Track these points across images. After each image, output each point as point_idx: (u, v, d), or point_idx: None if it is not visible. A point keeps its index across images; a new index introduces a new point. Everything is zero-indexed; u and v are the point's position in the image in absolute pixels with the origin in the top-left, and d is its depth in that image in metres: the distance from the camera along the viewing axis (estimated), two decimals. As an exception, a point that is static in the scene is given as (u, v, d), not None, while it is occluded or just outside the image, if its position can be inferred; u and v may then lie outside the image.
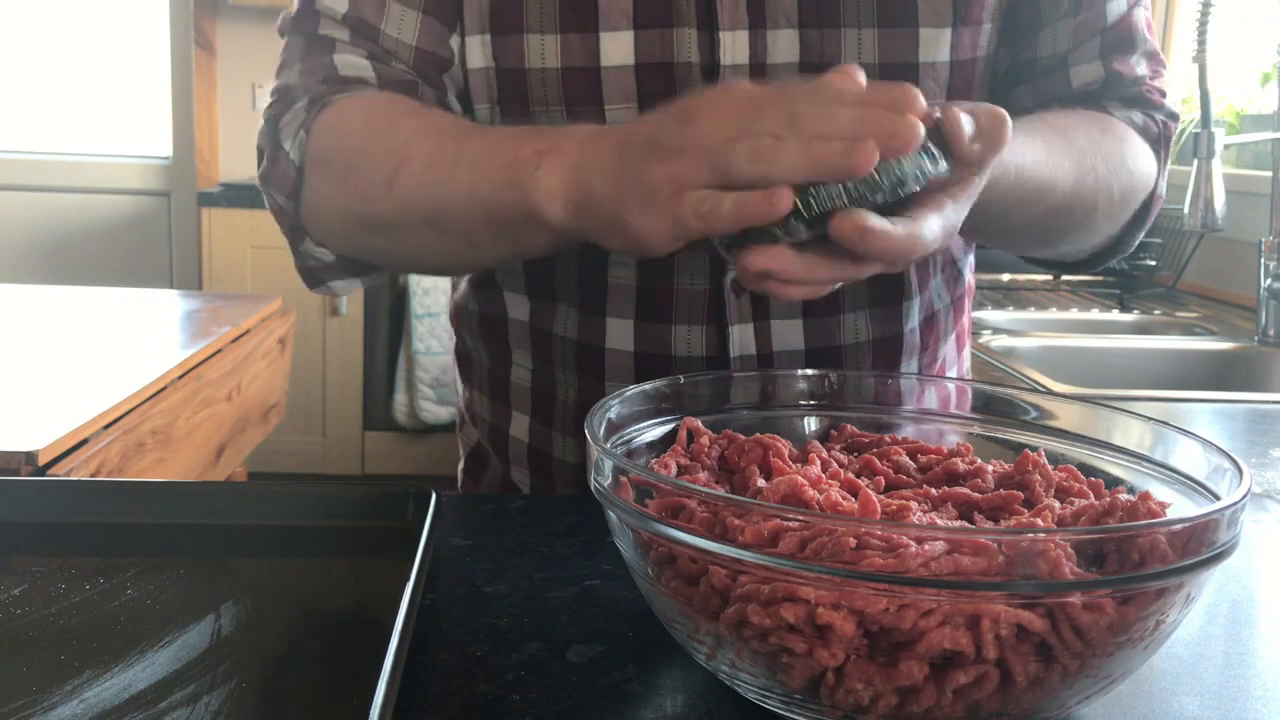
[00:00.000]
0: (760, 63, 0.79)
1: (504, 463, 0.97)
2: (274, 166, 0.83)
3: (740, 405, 0.70)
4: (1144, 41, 0.89)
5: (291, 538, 0.70)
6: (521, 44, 0.80)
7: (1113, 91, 0.89)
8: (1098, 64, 0.88)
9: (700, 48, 0.79)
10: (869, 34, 0.79)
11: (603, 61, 0.79)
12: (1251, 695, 0.56)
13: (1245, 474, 0.53)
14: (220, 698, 0.51)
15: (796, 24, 0.79)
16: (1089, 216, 0.85)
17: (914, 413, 0.71)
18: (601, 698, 0.53)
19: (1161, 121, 0.90)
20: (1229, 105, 2.54)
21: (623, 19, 0.79)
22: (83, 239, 4.13)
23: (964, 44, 0.82)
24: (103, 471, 1.38)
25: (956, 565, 0.46)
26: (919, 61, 0.80)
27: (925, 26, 0.80)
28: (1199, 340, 1.96)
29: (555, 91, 0.80)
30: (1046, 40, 0.87)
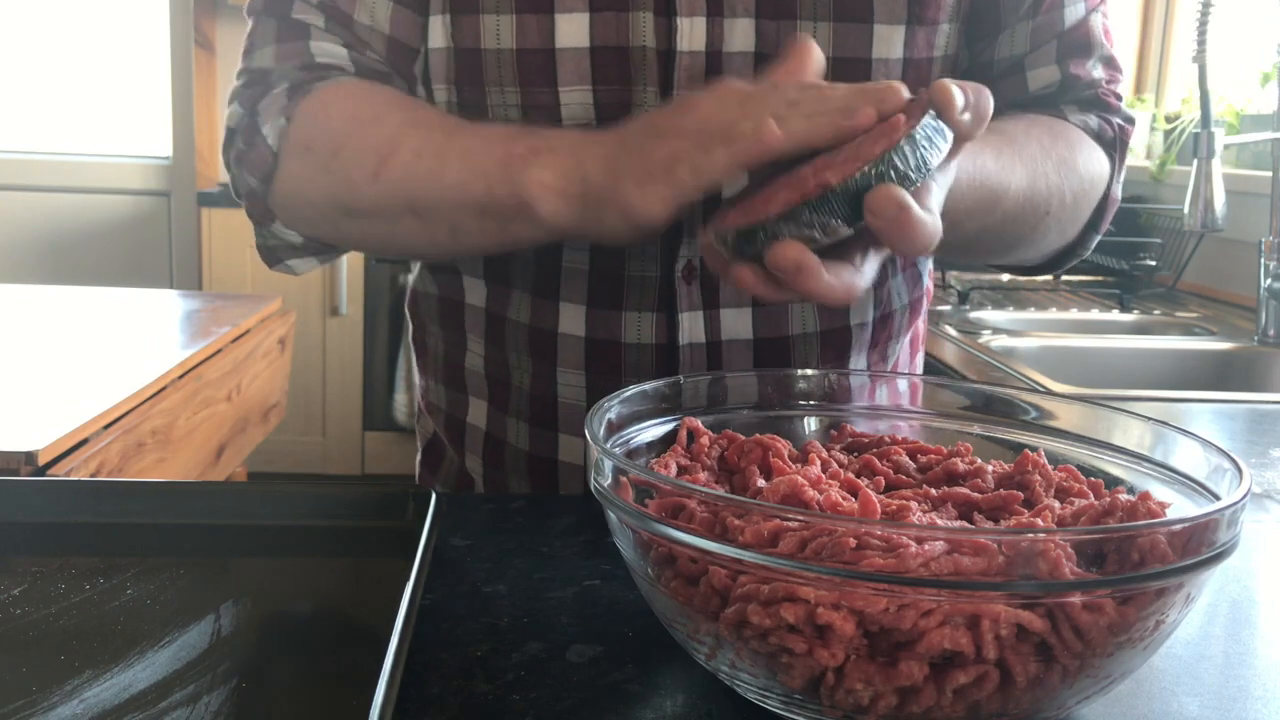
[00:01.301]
0: (716, 50, 0.80)
1: (459, 453, 0.98)
2: (250, 150, 0.82)
3: (740, 405, 0.70)
4: (1100, 46, 0.90)
5: (291, 538, 0.70)
6: (478, 24, 0.80)
7: (1069, 95, 0.90)
8: (1054, 67, 0.89)
9: (657, 32, 0.79)
10: (824, 27, 0.80)
11: (557, 43, 0.79)
12: (1251, 695, 0.56)
13: (1245, 474, 0.53)
14: (220, 698, 0.51)
15: (753, 13, 0.80)
16: (1041, 221, 0.86)
17: (914, 413, 0.71)
18: (601, 698, 0.53)
19: (1117, 125, 0.91)
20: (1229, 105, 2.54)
21: (578, 1, 0.79)
22: (83, 239, 4.13)
23: (919, 42, 0.83)
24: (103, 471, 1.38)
25: (956, 565, 0.46)
26: (872, 58, 0.81)
27: (880, 23, 0.81)
28: (1199, 340, 1.96)
29: (510, 72, 0.80)
30: (1005, 43, 0.88)
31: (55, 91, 4.19)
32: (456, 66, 0.82)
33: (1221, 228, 1.78)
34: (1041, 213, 0.84)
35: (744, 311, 0.86)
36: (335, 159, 0.79)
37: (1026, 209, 0.82)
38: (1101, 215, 0.92)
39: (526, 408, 0.91)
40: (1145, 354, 1.90)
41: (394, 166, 0.76)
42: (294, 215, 0.84)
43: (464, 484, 0.99)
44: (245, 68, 0.84)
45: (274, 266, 0.89)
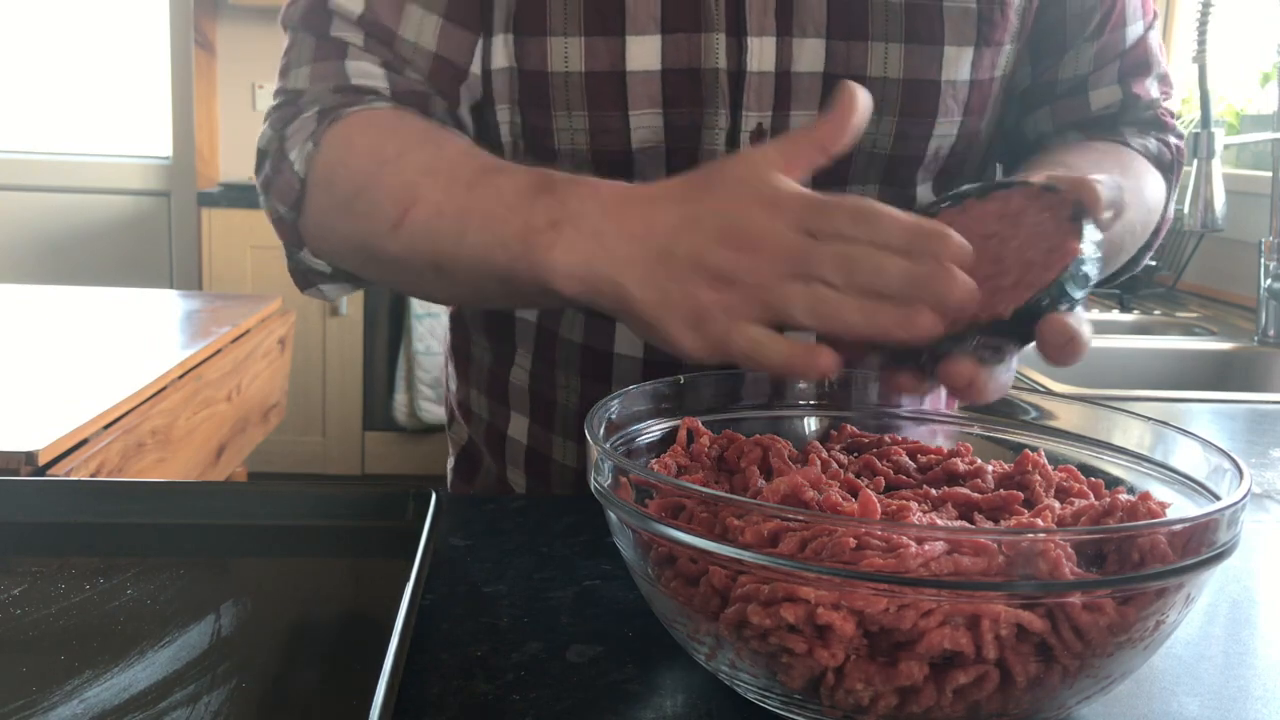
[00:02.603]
0: (785, 70, 0.78)
1: (499, 463, 0.96)
2: (277, 175, 0.79)
3: (740, 405, 0.70)
4: (1158, 64, 0.90)
5: (291, 538, 0.70)
6: (545, 46, 0.78)
7: (1129, 115, 0.89)
8: (1116, 87, 0.88)
9: (728, 53, 0.78)
10: (895, 49, 0.79)
11: (628, 66, 0.77)
12: (1251, 695, 0.56)
13: (1245, 474, 0.53)
14: (220, 698, 0.51)
15: (824, 34, 0.78)
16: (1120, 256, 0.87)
17: (914, 413, 0.71)
18: (601, 698, 0.53)
19: (1175, 147, 0.91)
20: (1229, 105, 2.54)
21: (650, 22, 0.77)
22: (83, 239, 4.13)
23: (984, 64, 0.82)
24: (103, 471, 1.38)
25: (956, 565, 0.46)
26: (940, 79, 0.80)
27: (950, 45, 0.80)
28: (1199, 340, 1.96)
29: (578, 96, 0.78)
30: (1069, 63, 0.87)
31: (55, 91, 4.19)
32: (521, 88, 0.80)
33: (1221, 228, 1.78)
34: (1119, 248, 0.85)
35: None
36: (357, 200, 0.76)
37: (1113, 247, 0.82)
38: (1156, 236, 0.91)
39: (574, 426, 0.90)
40: (1145, 354, 1.90)
41: (415, 221, 0.72)
42: (321, 248, 0.81)
43: (504, 494, 0.96)
44: (281, 87, 0.82)
45: (305, 290, 0.86)
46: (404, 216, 0.72)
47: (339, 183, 0.77)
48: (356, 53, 0.79)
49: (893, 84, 0.79)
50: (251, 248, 3.65)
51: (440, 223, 0.71)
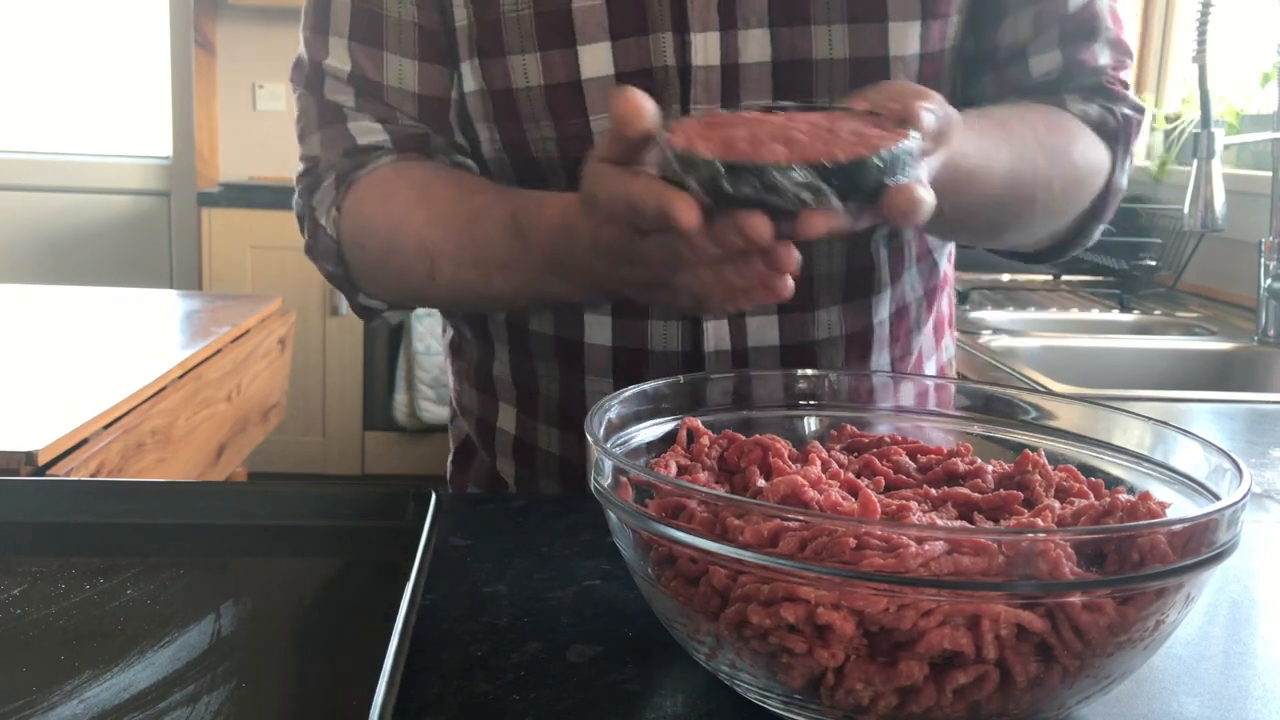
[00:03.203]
0: (733, 63, 0.80)
1: (490, 454, 0.99)
2: (315, 241, 0.87)
3: (740, 405, 0.70)
4: (1107, 30, 0.89)
5: (291, 538, 0.70)
6: (506, 66, 0.82)
7: (1072, 81, 0.88)
8: (1057, 53, 0.87)
9: (675, 50, 0.80)
10: (839, 30, 0.80)
11: (583, 74, 0.81)
12: (1251, 695, 0.56)
13: (1245, 474, 0.53)
14: (220, 698, 0.51)
15: (767, 23, 0.80)
16: (1027, 207, 0.84)
17: (914, 413, 0.71)
18: (601, 698, 0.53)
19: (1122, 115, 0.89)
20: (1229, 105, 2.54)
21: (599, 31, 0.80)
22: (83, 239, 4.13)
23: (933, 36, 0.83)
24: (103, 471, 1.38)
25: (956, 565, 0.46)
26: (889, 55, 0.81)
27: (894, 20, 0.81)
28: (1199, 340, 1.96)
29: (542, 108, 0.82)
30: (1008, 29, 0.87)
31: (55, 91, 4.19)
32: (494, 107, 0.84)
33: (1221, 228, 1.78)
34: (1027, 199, 0.83)
35: (770, 319, 0.86)
36: (388, 261, 0.84)
37: (1009, 193, 0.81)
38: (1104, 205, 0.90)
39: (555, 413, 0.92)
40: (1145, 354, 1.90)
41: (442, 274, 0.81)
42: (374, 292, 0.89)
43: (495, 484, 1.00)
44: (302, 154, 0.89)
45: (370, 321, 0.94)
46: (431, 271, 0.81)
47: (368, 246, 0.85)
48: (353, 114, 0.86)
49: (840, 64, 0.81)
50: (251, 248, 3.65)
51: (464, 273, 0.80)
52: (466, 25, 0.83)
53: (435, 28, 0.85)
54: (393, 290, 0.88)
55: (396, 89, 0.85)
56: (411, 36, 0.85)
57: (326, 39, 0.86)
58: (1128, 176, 0.91)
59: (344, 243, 0.86)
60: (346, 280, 0.89)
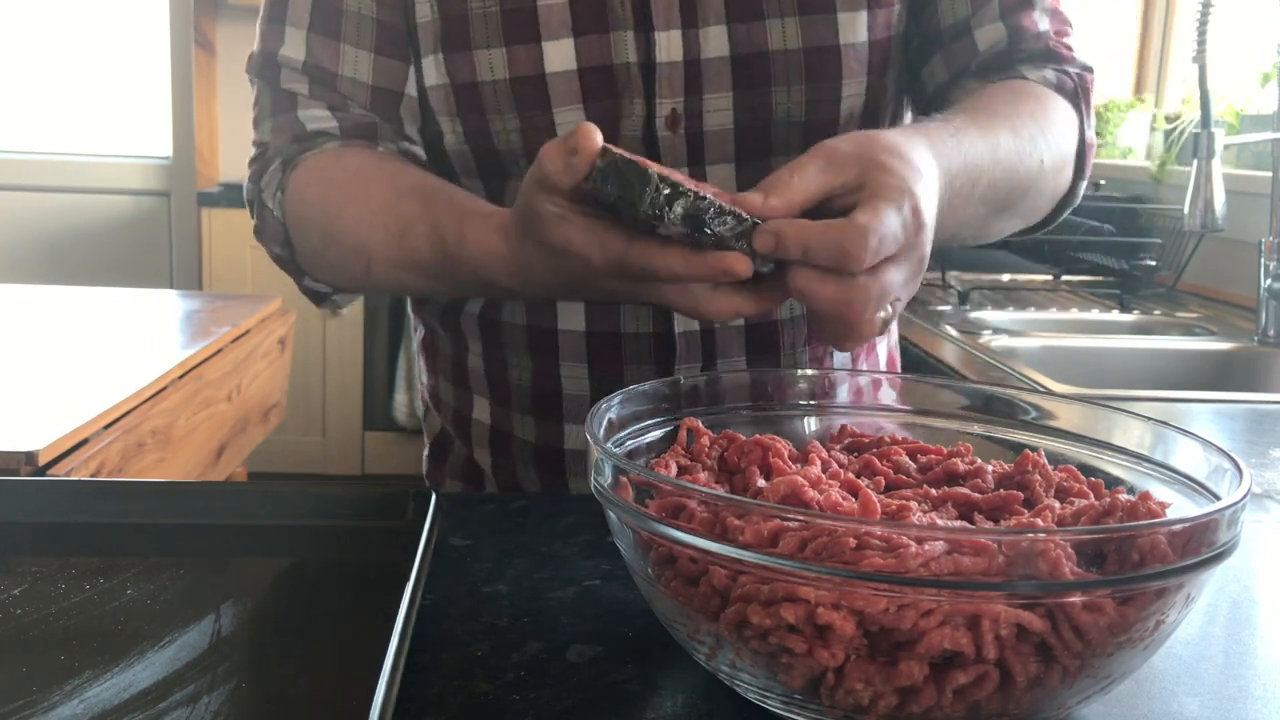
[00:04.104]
0: (694, 58, 0.84)
1: (467, 446, 1.01)
2: (262, 223, 0.89)
3: (740, 405, 0.70)
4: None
5: (291, 538, 0.70)
6: (471, 60, 0.85)
7: (1020, 51, 0.90)
8: (999, 24, 0.90)
9: (637, 48, 0.84)
10: (791, 22, 0.84)
11: (547, 69, 0.84)
12: (1251, 695, 0.56)
13: (1245, 474, 0.53)
14: (220, 698, 0.51)
15: (724, 19, 0.84)
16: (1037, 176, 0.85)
17: (914, 413, 0.71)
18: (601, 698, 0.53)
19: (1075, 74, 0.91)
20: (1229, 105, 2.53)
21: (562, 27, 0.83)
22: (83, 239, 4.13)
23: (879, 24, 0.86)
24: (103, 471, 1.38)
25: (956, 565, 0.46)
26: (840, 44, 0.85)
27: (842, 11, 0.85)
28: (1199, 340, 1.96)
29: (507, 101, 0.85)
30: (946, 9, 0.90)
31: (55, 91, 4.19)
32: (457, 100, 0.86)
33: (1221, 228, 1.77)
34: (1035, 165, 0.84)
35: None
36: (328, 250, 0.87)
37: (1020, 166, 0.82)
38: (1083, 161, 0.92)
39: (529, 402, 0.95)
40: (1145, 354, 1.90)
41: (378, 273, 0.84)
42: (319, 277, 0.90)
43: (472, 473, 1.02)
44: (254, 139, 0.91)
45: (320, 306, 0.95)
46: (368, 269, 0.84)
47: (309, 233, 0.87)
48: (305, 101, 0.88)
49: (794, 54, 0.84)
50: (251, 248, 3.64)
51: (398, 274, 0.83)
52: (430, 21, 0.86)
53: (395, 23, 0.87)
54: (334, 278, 0.90)
55: (350, 79, 0.87)
56: (370, 30, 0.87)
57: (283, 29, 0.88)
58: (1094, 130, 0.93)
59: (289, 225, 0.88)
60: (293, 263, 0.90)
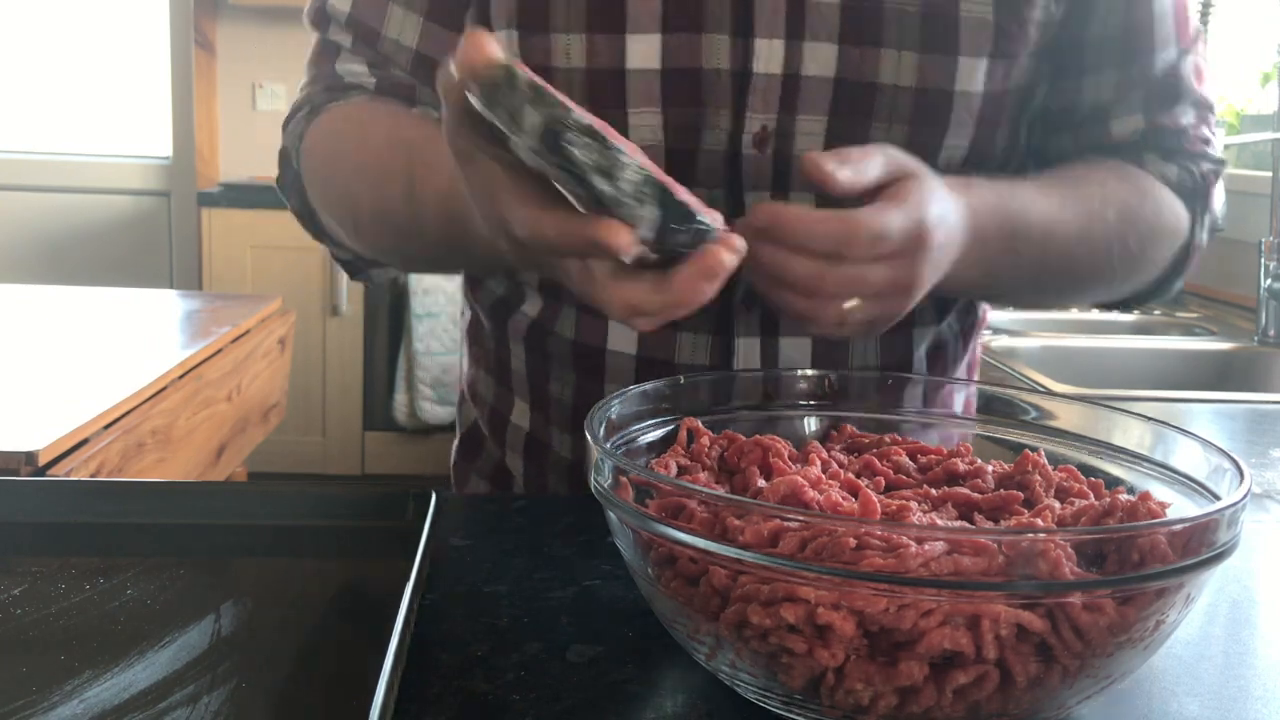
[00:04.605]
0: (795, 74, 0.77)
1: (500, 447, 0.97)
2: (283, 173, 0.88)
3: (740, 405, 0.70)
4: (1190, 91, 0.87)
5: (291, 538, 0.70)
6: (548, 43, 0.79)
7: (1152, 143, 0.87)
8: (1139, 116, 0.86)
9: (733, 54, 0.77)
10: (909, 57, 0.77)
11: (628, 64, 0.77)
12: (1251, 695, 0.56)
13: (1245, 474, 0.53)
14: (220, 698, 0.51)
15: (837, 38, 0.77)
16: (1102, 264, 0.84)
17: (915, 413, 0.71)
18: (601, 698, 0.53)
19: (1200, 174, 0.88)
20: (1229, 105, 2.54)
21: (651, 21, 0.77)
22: (83, 239, 4.13)
23: (998, 75, 0.80)
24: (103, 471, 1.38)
25: (956, 565, 0.46)
26: (954, 90, 0.79)
27: (964, 55, 0.78)
28: (1199, 340, 1.96)
29: (580, 92, 0.78)
30: (1089, 87, 0.85)
31: (55, 91, 4.19)
32: None
33: (1221, 228, 1.77)
34: (1103, 254, 0.83)
35: (803, 341, 0.84)
36: (326, 208, 0.84)
37: (1083, 249, 0.81)
38: (1184, 261, 0.90)
39: (568, 420, 0.90)
40: (1145, 354, 1.90)
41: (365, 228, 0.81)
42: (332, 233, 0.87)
43: (501, 479, 0.97)
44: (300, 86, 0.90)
45: (355, 277, 0.93)
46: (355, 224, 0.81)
47: (315, 189, 0.85)
48: (347, 55, 0.85)
49: (905, 92, 0.78)
50: (251, 248, 3.65)
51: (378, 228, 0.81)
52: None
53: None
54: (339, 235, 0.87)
55: (394, 40, 0.83)
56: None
57: None
58: (1208, 234, 0.90)
59: (304, 176, 0.85)
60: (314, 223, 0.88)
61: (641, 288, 0.56)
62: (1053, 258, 0.80)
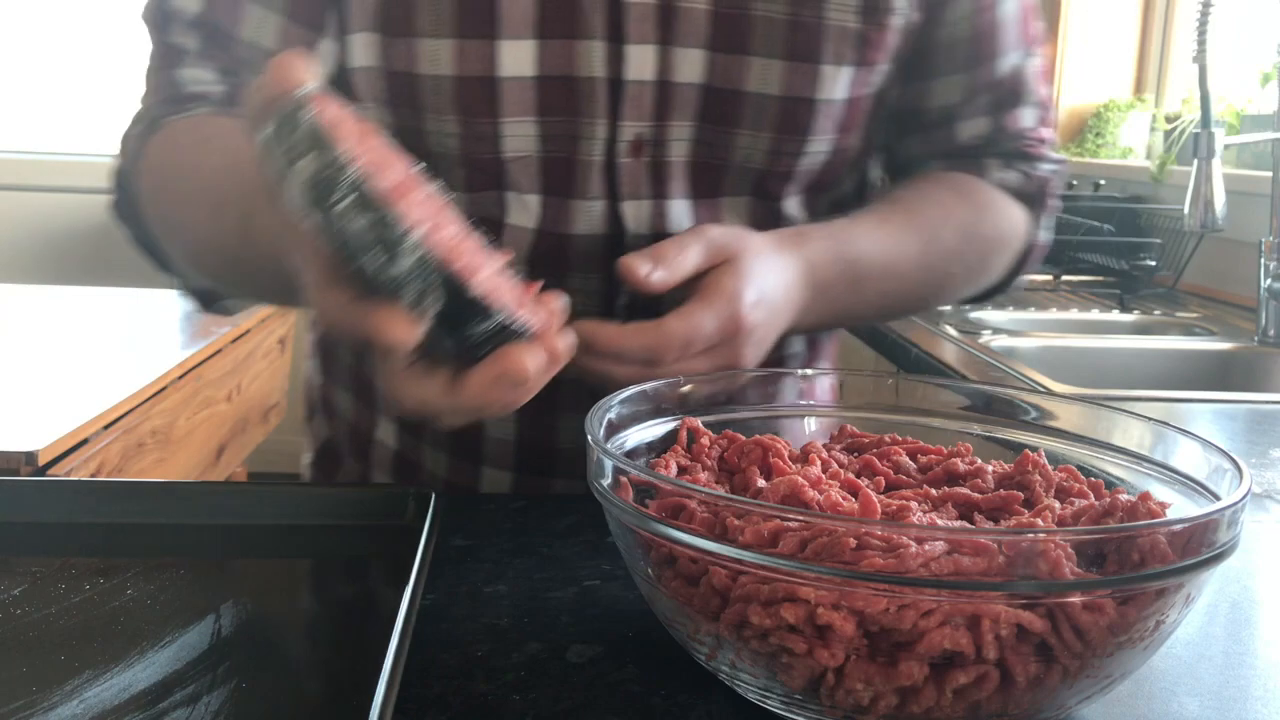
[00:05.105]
0: (666, 80, 0.77)
1: (363, 465, 0.92)
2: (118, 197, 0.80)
3: (740, 405, 0.70)
4: (1031, 94, 0.90)
5: (291, 538, 0.70)
6: (413, 48, 0.75)
7: (996, 146, 0.90)
8: (986, 119, 0.89)
9: (608, 61, 0.76)
10: (775, 65, 0.78)
11: (500, 72, 0.74)
12: (1251, 695, 0.56)
13: (1245, 474, 0.53)
14: (220, 698, 0.51)
15: (705, 45, 0.77)
16: (945, 283, 0.88)
17: (915, 413, 0.71)
18: (601, 698, 0.53)
19: (1039, 177, 0.91)
20: (1229, 105, 2.54)
21: (524, 27, 0.74)
22: (82, 239, 4.12)
23: (858, 83, 0.82)
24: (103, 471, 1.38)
25: (956, 565, 0.46)
26: (816, 98, 0.79)
27: (828, 63, 0.79)
28: (1199, 340, 1.96)
29: (448, 100, 0.76)
30: (938, 91, 0.88)
31: (55, 91, 4.19)
32: (389, 89, 0.77)
33: (1221, 228, 1.78)
34: (942, 274, 0.86)
35: None
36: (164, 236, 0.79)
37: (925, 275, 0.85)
38: (1026, 260, 0.94)
39: (444, 437, 0.87)
40: (1145, 354, 1.90)
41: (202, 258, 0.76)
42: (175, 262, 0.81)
43: None
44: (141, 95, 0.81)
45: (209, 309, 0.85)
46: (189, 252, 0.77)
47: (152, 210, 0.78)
48: (191, 60, 0.77)
49: (770, 101, 0.78)
50: (251, 248, 3.64)
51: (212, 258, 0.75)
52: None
53: None
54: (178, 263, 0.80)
55: (250, 43, 0.76)
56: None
57: None
58: (1050, 231, 0.95)
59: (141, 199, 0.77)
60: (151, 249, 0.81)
61: (433, 387, 0.50)
62: (895, 287, 0.83)
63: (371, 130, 0.49)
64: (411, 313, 0.44)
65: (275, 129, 0.42)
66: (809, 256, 0.75)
